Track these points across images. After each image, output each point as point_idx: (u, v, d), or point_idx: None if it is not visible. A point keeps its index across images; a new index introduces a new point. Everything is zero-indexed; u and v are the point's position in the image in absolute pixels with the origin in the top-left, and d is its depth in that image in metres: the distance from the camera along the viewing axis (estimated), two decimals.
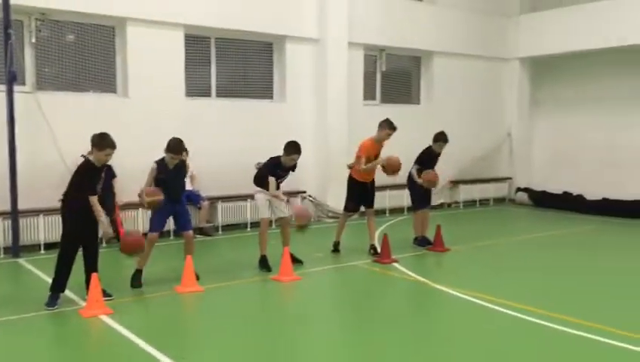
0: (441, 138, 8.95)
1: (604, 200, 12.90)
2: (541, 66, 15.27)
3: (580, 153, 14.35)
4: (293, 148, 7.44)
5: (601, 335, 5.15)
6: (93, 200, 5.94)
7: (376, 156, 8.36)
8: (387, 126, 8.27)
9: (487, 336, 5.30)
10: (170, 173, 6.82)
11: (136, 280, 6.74)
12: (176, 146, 6.77)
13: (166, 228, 8.83)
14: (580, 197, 13.47)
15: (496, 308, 6.02)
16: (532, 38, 14.50)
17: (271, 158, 7.61)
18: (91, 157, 6.11)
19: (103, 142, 6.00)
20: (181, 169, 7.03)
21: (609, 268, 8.09)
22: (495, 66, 14.90)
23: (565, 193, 13.84)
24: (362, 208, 8.80)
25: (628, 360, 4.77)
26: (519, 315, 5.76)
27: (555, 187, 14.16)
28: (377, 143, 8.38)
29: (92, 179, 6.01)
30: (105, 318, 5.65)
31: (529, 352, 4.96)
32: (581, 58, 14.14)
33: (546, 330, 5.39)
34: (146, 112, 9.88)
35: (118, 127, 9.49)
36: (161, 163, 6.82)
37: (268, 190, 7.54)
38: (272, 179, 7.45)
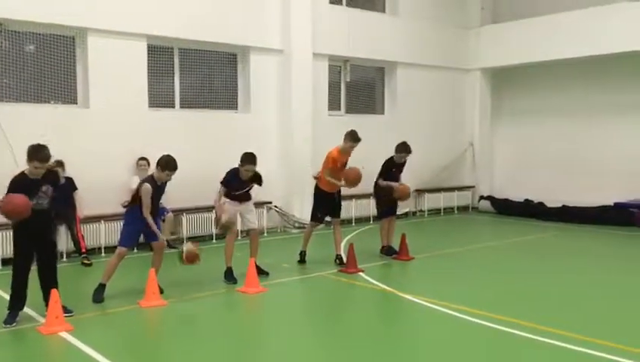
0: (401, 149, 9.01)
1: (564, 207, 13.22)
2: (502, 77, 15.62)
3: (541, 161, 14.73)
4: (247, 158, 7.38)
5: (566, 342, 5.24)
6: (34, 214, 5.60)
7: (344, 166, 8.38)
8: (350, 138, 8.32)
9: (452, 344, 5.35)
10: (159, 190, 6.76)
11: (98, 295, 6.60)
12: (173, 163, 6.67)
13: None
14: (540, 205, 13.77)
15: (461, 315, 6.09)
16: (493, 49, 14.83)
17: (230, 170, 7.56)
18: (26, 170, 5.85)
19: (33, 154, 5.63)
20: (165, 184, 6.93)
21: (570, 274, 8.27)
22: (457, 77, 15.17)
23: (527, 201, 14.13)
24: (328, 218, 8.81)
25: None
26: (484, 322, 5.83)
27: (517, 195, 14.45)
28: (344, 153, 8.42)
29: (25, 192, 5.60)
30: (65, 335, 5.50)
31: (492, 359, 5.03)
32: (541, 69, 14.53)
33: (510, 337, 5.46)
34: (108, 124, 9.73)
35: (78, 139, 9.43)
36: (152, 182, 6.68)
37: (234, 201, 7.51)
38: (221, 190, 7.43)
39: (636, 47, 12.18)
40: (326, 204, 8.52)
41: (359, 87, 13.77)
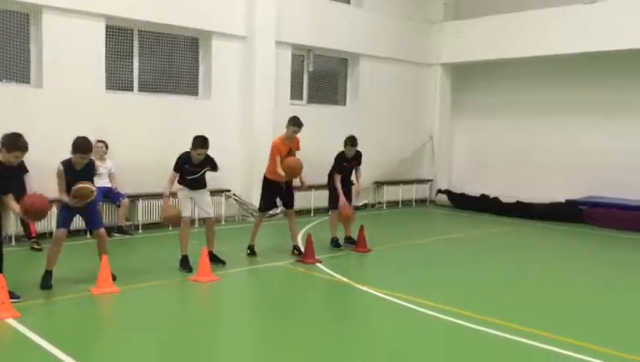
0: (347, 142, 8.93)
1: (518, 202, 13.53)
2: (462, 72, 15.84)
3: (497, 157, 15.05)
4: (198, 141, 7.24)
5: (516, 335, 5.37)
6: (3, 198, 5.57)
7: (289, 153, 8.30)
8: (292, 123, 8.26)
9: (404, 335, 5.41)
10: (78, 175, 6.48)
11: (46, 281, 6.41)
12: (83, 145, 6.40)
13: (83, 227, 8.50)
14: (496, 200, 14.05)
15: (415, 307, 6.16)
16: (454, 45, 15.01)
17: (181, 153, 7.41)
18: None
19: (13, 144, 5.67)
20: (90, 168, 6.68)
21: (518, 267, 8.48)
22: (419, 71, 15.30)
23: (483, 195, 14.39)
24: (278, 209, 8.68)
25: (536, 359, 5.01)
26: (437, 314, 5.92)
27: (474, 189, 14.72)
28: (287, 140, 8.34)
29: None
30: (12, 322, 5.34)
31: (443, 350, 5.12)
32: (500, 66, 14.81)
33: (463, 329, 5.56)
34: (62, 104, 9.44)
35: (30, 119, 9.11)
36: (67, 164, 6.46)
37: (186, 187, 7.41)
38: (171, 174, 7.33)
39: (589, 49, 12.54)
40: (273, 193, 8.44)
41: (322, 78, 13.73)
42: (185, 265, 7.40)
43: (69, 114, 9.45)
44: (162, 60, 10.98)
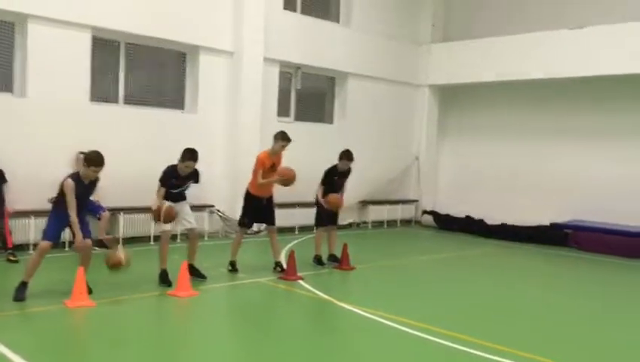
0: (344, 156, 8.97)
1: (503, 225, 13.52)
2: (450, 94, 15.92)
3: (483, 179, 15.07)
4: (187, 154, 7.16)
5: (497, 355, 5.29)
6: None
7: (273, 167, 8.24)
8: (281, 137, 8.21)
9: (383, 354, 5.31)
10: (86, 189, 6.44)
11: (20, 293, 6.23)
12: (98, 159, 6.35)
13: (63, 239, 8.34)
14: (480, 222, 14.04)
15: (397, 326, 6.06)
16: (441, 67, 15.11)
17: (167, 167, 7.30)
18: None
19: None
20: (95, 183, 6.62)
21: (501, 288, 8.44)
22: (406, 91, 15.36)
23: (467, 217, 14.38)
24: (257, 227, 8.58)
25: None
26: (419, 333, 5.83)
27: (459, 210, 14.70)
28: (273, 155, 8.28)
29: None
30: None
31: None
32: (487, 89, 14.91)
33: (443, 349, 5.47)
34: (45, 114, 9.33)
35: (12, 128, 8.99)
36: (76, 178, 6.37)
37: (169, 200, 7.29)
38: (160, 189, 7.19)
39: (575, 74, 12.66)
40: (254, 209, 8.32)
41: (309, 96, 13.74)
42: (164, 279, 7.26)
43: (53, 124, 9.34)
44: (148, 73, 10.94)
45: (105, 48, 10.25)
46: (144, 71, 10.84)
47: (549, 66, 13.01)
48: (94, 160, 6.34)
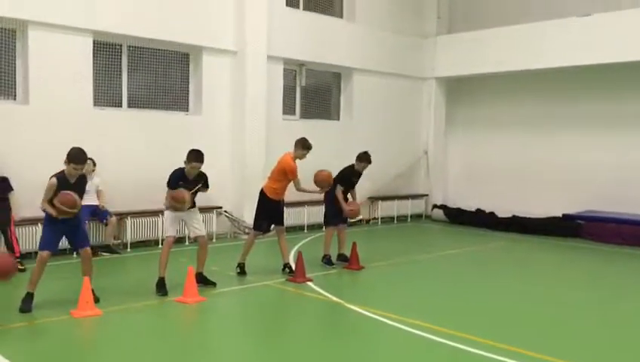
0: (364, 158, 8.98)
1: (514, 217, 13.35)
2: (457, 86, 15.74)
3: (493, 171, 14.89)
4: (193, 155, 7.00)
5: (510, 357, 5.16)
6: None
7: None
8: (303, 147, 8.19)
9: (397, 358, 5.20)
10: (73, 187, 6.27)
11: (26, 304, 6.17)
12: (78, 155, 6.18)
13: (67, 246, 8.27)
14: (491, 215, 13.87)
15: (408, 329, 5.95)
16: (448, 59, 14.92)
17: (174, 170, 7.18)
18: None
19: None
20: (83, 182, 6.53)
21: (515, 285, 8.28)
22: (413, 85, 15.19)
23: (478, 210, 14.21)
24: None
25: None
26: (430, 336, 5.71)
27: (469, 204, 14.54)
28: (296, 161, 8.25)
29: None
30: None
31: None
32: (494, 80, 14.71)
33: (455, 352, 5.35)
34: (49, 121, 9.27)
35: (16, 136, 8.95)
36: (61, 177, 6.27)
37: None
38: (169, 193, 7.05)
39: (585, 62, 12.43)
40: (270, 211, 8.25)
41: (315, 92, 13.61)
42: (160, 288, 7.06)
43: (56, 131, 9.27)
44: (152, 76, 10.83)
45: (107, 52, 10.16)
46: (147, 73, 10.74)
47: (558, 55, 12.79)
48: (74, 156, 6.15)
